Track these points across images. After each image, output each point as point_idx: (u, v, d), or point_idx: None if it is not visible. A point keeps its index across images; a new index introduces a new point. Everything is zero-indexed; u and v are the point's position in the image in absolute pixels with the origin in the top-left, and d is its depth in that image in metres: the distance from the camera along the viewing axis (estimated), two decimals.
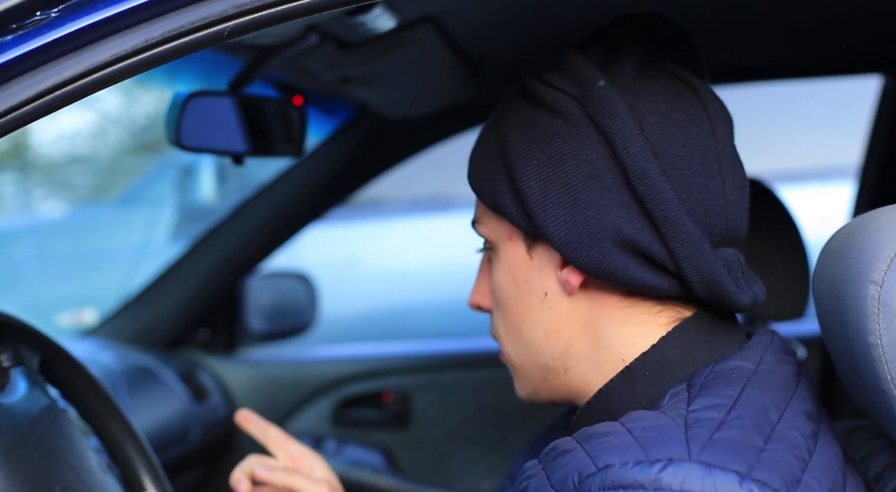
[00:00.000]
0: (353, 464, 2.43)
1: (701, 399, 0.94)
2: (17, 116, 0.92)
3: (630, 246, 0.98)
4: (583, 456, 0.89)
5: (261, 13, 0.92)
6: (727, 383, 0.95)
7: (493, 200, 1.04)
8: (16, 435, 1.08)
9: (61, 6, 0.93)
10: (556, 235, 1.00)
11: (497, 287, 1.08)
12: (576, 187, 0.99)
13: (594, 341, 1.04)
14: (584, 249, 0.99)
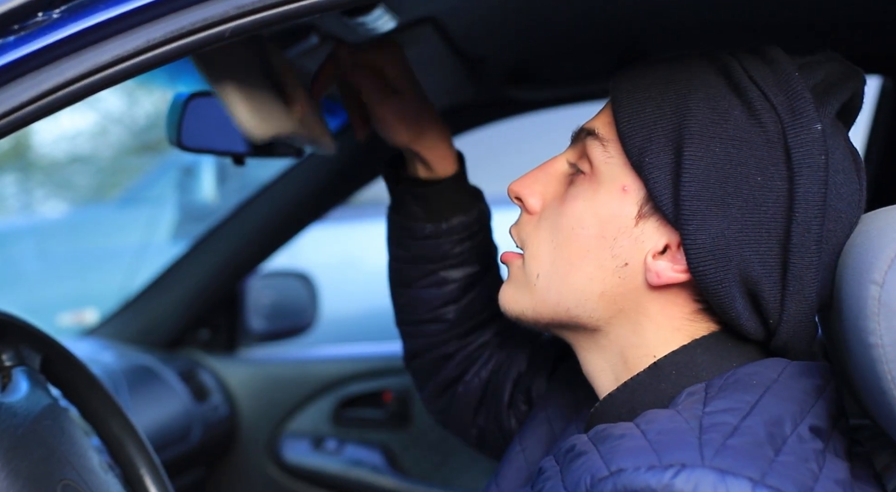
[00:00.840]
0: (353, 464, 2.43)
1: (718, 402, 0.92)
2: (19, 117, 0.93)
3: (751, 283, 0.95)
4: (596, 459, 0.89)
5: (262, 14, 0.92)
6: (746, 389, 0.93)
7: (643, 156, 0.96)
8: (17, 434, 1.08)
9: (63, 7, 0.93)
10: (695, 235, 0.95)
11: (573, 217, 1.00)
12: (737, 203, 0.94)
13: (637, 327, 1.01)
14: (711, 263, 0.95)
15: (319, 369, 2.54)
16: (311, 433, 2.49)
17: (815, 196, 0.93)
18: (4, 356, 1.21)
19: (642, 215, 0.98)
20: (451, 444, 2.46)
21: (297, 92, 1.22)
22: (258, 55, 1.17)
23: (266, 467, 2.50)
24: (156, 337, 2.46)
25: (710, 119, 0.94)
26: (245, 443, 2.49)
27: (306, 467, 2.47)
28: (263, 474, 2.50)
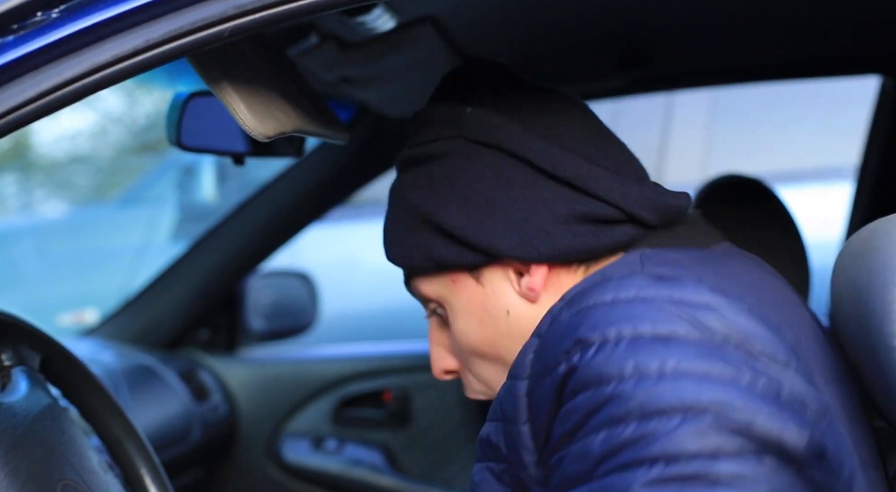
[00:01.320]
0: (353, 463, 2.43)
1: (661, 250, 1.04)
2: (18, 116, 0.93)
3: (573, 218, 1.06)
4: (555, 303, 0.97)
5: (261, 14, 0.92)
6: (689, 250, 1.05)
7: (433, 259, 1.10)
8: (17, 434, 1.08)
9: (62, 7, 0.93)
10: (506, 245, 1.06)
11: (462, 334, 1.12)
12: (498, 201, 1.07)
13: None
14: (536, 243, 1.05)
15: (319, 369, 2.54)
16: (311, 433, 2.49)
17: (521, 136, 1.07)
18: (4, 356, 1.21)
19: (477, 279, 1.10)
20: (451, 444, 2.46)
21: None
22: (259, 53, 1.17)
23: (266, 466, 2.50)
24: (156, 337, 2.46)
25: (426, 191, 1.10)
26: (245, 443, 2.49)
27: (306, 466, 2.47)
28: (263, 474, 2.50)
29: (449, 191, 1.09)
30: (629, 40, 1.80)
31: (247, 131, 1.04)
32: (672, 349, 0.88)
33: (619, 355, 0.88)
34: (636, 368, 0.87)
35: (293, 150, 1.70)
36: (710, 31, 1.73)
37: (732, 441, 0.85)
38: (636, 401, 0.87)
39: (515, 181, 1.07)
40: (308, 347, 2.94)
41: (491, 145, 1.08)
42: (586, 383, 0.89)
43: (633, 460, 0.86)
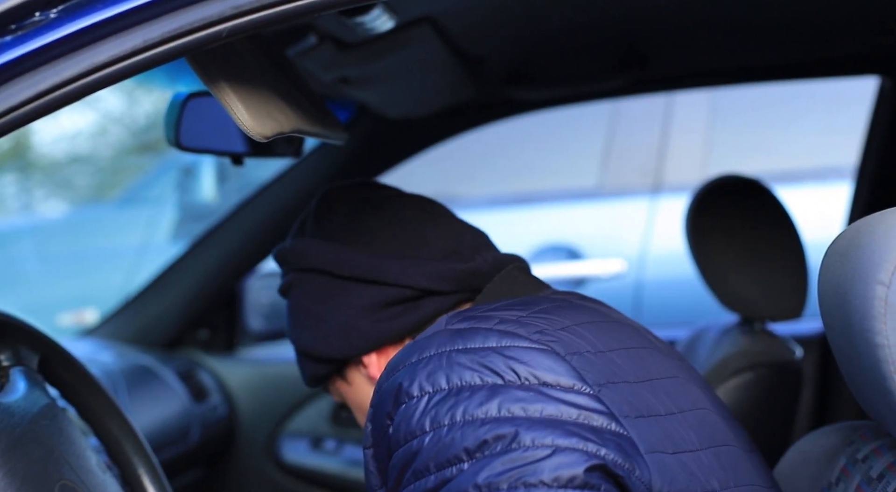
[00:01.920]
0: (352, 464, 2.44)
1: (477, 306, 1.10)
2: (17, 116, 0.93)
3: (375, 307, 1.20)
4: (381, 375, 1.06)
5: (259, 14, 0.92)
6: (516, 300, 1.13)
7: (311, 376, 1.28)
8: (15, 434, 1.08)
9: (60, 7, 0.93)
10: (334, 350, 1.22)
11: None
12: (319, 314, 1.22)
13: None
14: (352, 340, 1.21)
15: None
16: (309, 433, 2.49)
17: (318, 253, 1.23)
18: (2, 356, 1.21)
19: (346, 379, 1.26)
20: None
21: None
22: (257, 54, 1.17)
23: (265, 466, 2.50)
24: (154, 337, 2.46)
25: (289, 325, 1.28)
26: (244, 443, 2.49)
27: (305, 466, 2.47)
28: (262, 474, 2.50)
29: (297, 317, 1.25)
30: (629, 41, 1.80)
31: (245, 132, 1.05)
32: (461, 398, 0.96)
33: (420, 412, 0.97)
34: (433, 421, 0.96)
35: (292, 150, 1.70)
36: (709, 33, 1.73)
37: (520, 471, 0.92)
38: (432, 452, 0.96)
39: (326, 293, 1.22)
40: None
41: (306, 268, 1.24)
42: (399, 441, 1.00)
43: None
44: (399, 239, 1.23)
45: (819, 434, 1.17)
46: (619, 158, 3.78)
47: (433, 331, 1.04)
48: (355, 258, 1.20)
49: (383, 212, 1.26)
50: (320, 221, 1.27)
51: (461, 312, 1.07)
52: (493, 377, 0.97)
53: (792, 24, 1.70)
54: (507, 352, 0.98)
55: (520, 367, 0.97)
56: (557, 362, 0.98)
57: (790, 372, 1.79)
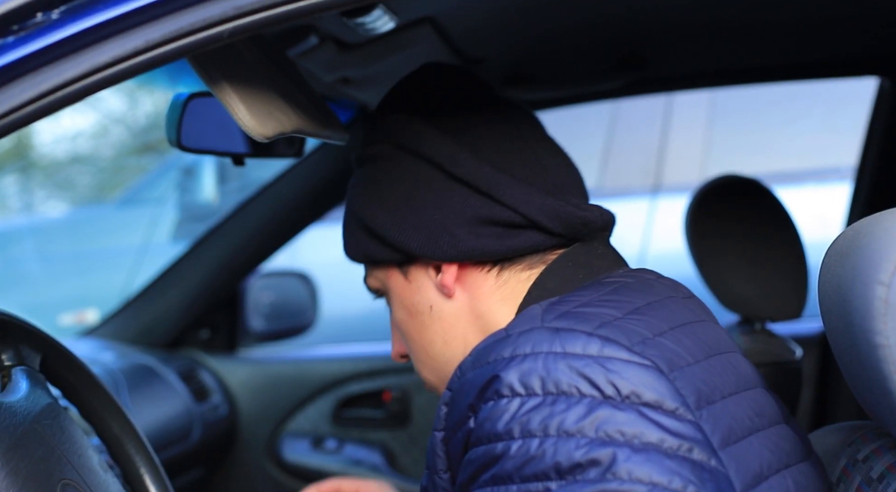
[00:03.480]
0: (353, 463, 2.44)
1: (575, 293, 1.07)
2: (18, 117, 0.93)
3: (477, 221, 1.13)
4: (466, 357, 1.02)
5: (260, 14, 0.92)
6: (601, 286, 1.09)
7: (365, 254, 1.21)
8: (17, 434, 1.08)
9: (62, 8, 0.93)
10: (415, 245, 1.15)
11: (398, 323, 1.23)
12: (412, 202, 1.15)
13: (484, 329, 1.16)
14: (444, 244, 1.14)
15: (319, 369, 2.54)
16: (310, 433, 2.49)
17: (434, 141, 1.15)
18: (4, 356, 1.21)
19: (405, 274, 1.19)
20: None
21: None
22: (258, 54, 1.17)
23: (266, 466, 2.50)
24: (156, 337, 2.46)
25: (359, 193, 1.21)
26: (245, 442, 2.50)
27: (306, 466, 2.47)
28: (263, 474, 2.50)
29: (375, 192, 1.18)
30: (628, 42, 1.80)
31: (246, 132, 1.05)
32: (556, 409, 0.92)
33: (510, 415, 0.93)
34: (523, 428, 0.92)
35: (293, 150, 1.70)
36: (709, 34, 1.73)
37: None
38: (519, 462, 0.92)
39: (430, 185, 1.15)
40: (308, 347, 2.94)
41: (412, 151, 1.16)
42: (481, 439, 0.95)
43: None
44: (517, 157, 1.16)
45: (819, 435, 1.17)
46: (619, 158, 3.79)
47: (528, 325, 0.99)
48: (476, 166, 1.14)
49: (500, 117, 1.20)
50: (431, 102, 1.20)
51: (558, 306, 1.02)
52: (593, 390, 0.92)
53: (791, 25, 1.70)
54: (609, 364, 0.94)
55: (621, 382, 0.93)
56: (660, 381, 0.94)
57: (790, 372, 1.79)
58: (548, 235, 1.14)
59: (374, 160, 1.19)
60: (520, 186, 1.13)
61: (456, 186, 1.14)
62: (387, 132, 1.19)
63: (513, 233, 1.13)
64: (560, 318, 0.99)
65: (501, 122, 1.19)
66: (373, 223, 1.17)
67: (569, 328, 0.97)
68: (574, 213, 1.13)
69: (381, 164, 1.19)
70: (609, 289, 1.07)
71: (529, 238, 1.13)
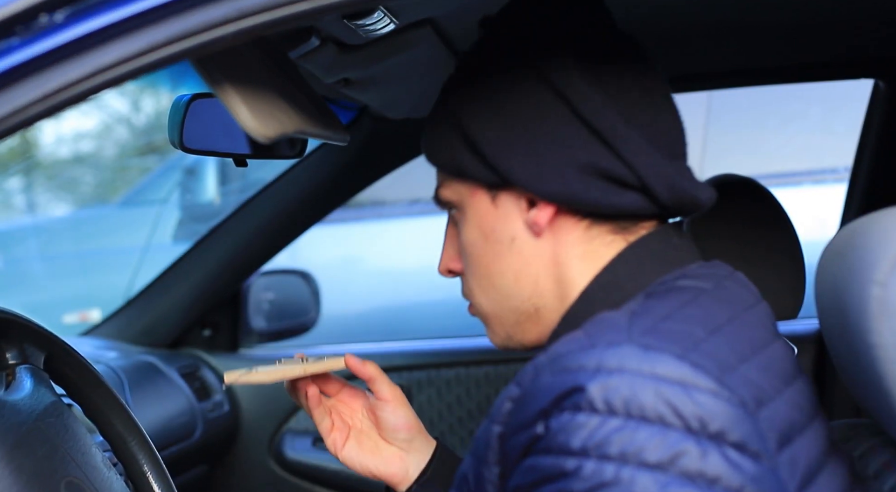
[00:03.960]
0: None
1: (653, 300, 1.02)
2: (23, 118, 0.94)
3: (591, 169, 1.05)
4: (540, 355, 0.98)
5: (262, 16, 0.93)
6: (684, 292, 1.03)
7: (456, 166, 1.11)
8: (21, 431, 1.09)
9: (66, 10, 0.94)
10: (521, 173, 1.07)
11: (466, 243, 1.14)
12: (530, 131, 1.06)
13: (558, 279, 1.10)
14: (549, 181, 1.06)
15: None
16: (312, 431, 2.49)
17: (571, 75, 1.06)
18: (9, 355, 1.22)
19: (493, 198, 1.11)
20: (452, 441, 2.46)
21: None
22: (260, 56, 1.18)
23: (267, 464, 2.51)
24: (158, 336, 2.46)
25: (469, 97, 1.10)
26: (247, 440, 2.50)
27: (307, 464, 2.47)
28: (265, 471, 2.50)
29: (489, 107, 1.08)
30: None
31: (248, 133, 1.05)
32: (639, 435, 0.88)
33: (588, 431, 0.89)
34: (600, 450, 0.88)
35: (294, 151, 1.71)
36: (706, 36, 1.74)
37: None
38: (589, 485, 0.88)
39: (551, 117, 1.06)
40: (308, 347, 2.94)
41: (541, 75, 1.07)
42: (551, 449, 0.91)
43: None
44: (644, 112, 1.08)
45: None
46: None
47: (614, 336, 0.94)
48: (605, 111, 1.06)
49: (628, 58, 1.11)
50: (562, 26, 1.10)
51: (642, 318, 0.97)
52: (678, 421, 0.88)
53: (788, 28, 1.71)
54: (697, 395, 0.89)
55: (708, 418, 0.88)
56: (746, 421, 0.90)
57: None
58: (651, 204, 1.07)
59: (494, 72, 1.10)
60: (644, 145, 1.06)
61: (579, 127, 1.06)
62: (516, 46, 1.10)
63: (619, 191, 1.06)
64: (648, 333, 0.94)
65: (630, 65, 1.10)
66: (479, 138, 1.09)
67: (659, 348, 0.92)
68: (688, 189, 1.07)
69: (503, 79, 1.09)
70: (688, 296, 1.02)
71: (633, 201, 1.07)
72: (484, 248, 1.13)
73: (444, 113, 1.13)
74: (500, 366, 2.45)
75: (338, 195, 2.38)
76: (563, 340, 0.97)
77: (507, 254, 1.11)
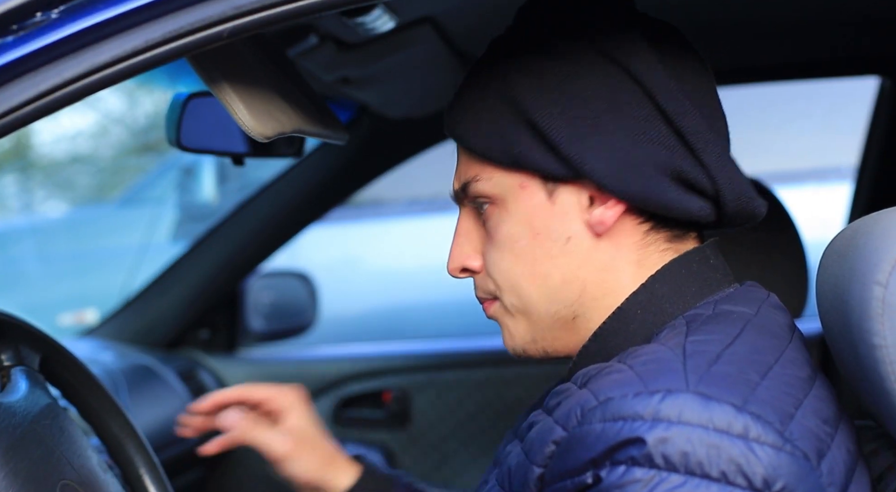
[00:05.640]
0: None
1: (700, 334, 0.96)
2: (17, 117, 0.93)
3: (669, 171, 0.99)
4: (585, 393, 0.92)
5: (260, 14, 0.92)
6: (728, 322, 0.98)
7: (511, 152, 1.02)
8: (16, 434, 1.08)
9: (62, 7, 0.93)
10: (598, 167, 0.98)
11: (507, 240, 1.04)
12: (605, 122, 0.99)
13: (605, 288, 1.03)
14: (627, 177, 0.98)
15: (319, 369, 2.54)
16: None
17: (656, 71, 0.99)
18: (3, 356, 1.21)
19: (549, 192, 1.02)
20: (451, 444, 2.46)
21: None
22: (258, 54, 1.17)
23: (266, 466, 2.49)
24: (155, 337, 2.46)
25: (534, 82, 1.01)
26: None
27: None
28: (263, 474, 2.49)
29: (558, 92, 1.00)
30: None
31: (246, 132, 1.05)
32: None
33: (645, 486, 0.85)
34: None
35: (293, 150, 1.70)
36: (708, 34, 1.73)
37: None
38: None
39: (630, 110, 0.99)
40: (308, 347, 2.94)
41: (620, 65, 0.99)
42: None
43: None
44: (719, 115, 1.04)
45: None
46: None
47: (671, 383, 0.89)
48: (692, 112, 1.00)
49: (696, 56, 1.04)
50: (641, 15, 1.04)
51: (696, 359, 0.92)
52: (741, 480, 0.85)
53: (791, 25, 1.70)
54: (759, 450, 0.85)
55: (773, 476, 0.85)
56: (810, 476, 0.88)
57: None
58: (713, 212, 1.02)
59: (564, 57, 1.01)
60: (724, 151, 1.01)
61: (661, 125, 0.99)
62: (590, 30, 1.01)
63: (690, 196, 1.00)
64: (705, 380, 0.89)
65: (699, 64, 1.04)
66: (546, 126, 0.99)
67: (718, 398, 0.87)
68: (752, 201, 1.02)
69: (573, 64, 1.00)
70: (733, 329, 0.97)
71: (700, 208, 1.00)
72: (531, 245, 1.03)
73: (497, 101, 1.03)
74: (501, 368, 2.44)
75: (337, 195, 2.37)
76: (613, 381, 0.91)
77: (560, 254, 1.02)
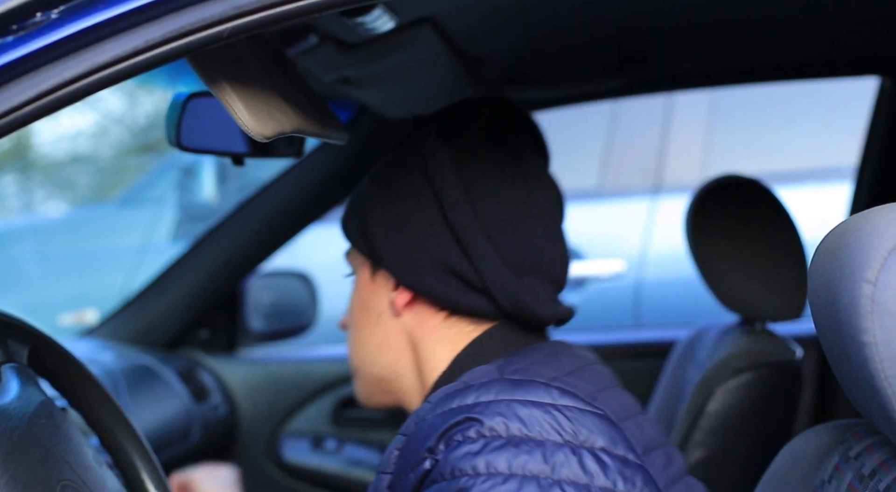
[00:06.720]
0: (353, 463, 2.44)
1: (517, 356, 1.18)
2: (17, 117, 0.93)
3: (446, 269, 1.21)
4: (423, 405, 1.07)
5: (260, 14, 0.92)
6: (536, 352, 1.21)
7: (351, 235, 1.29)
8: (14, 438, 1.08)
9: (62, 7, 0.93)
10: (389, 259, 1.24)
11: (352, 306, 1.32)
12: (406, 222, 1.23)
13: (417, 355, 1.27)
14: (408, 271, 1.22)
15: (319, 369, 2.54)
16: (310, 433, 2.49)
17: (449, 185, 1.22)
18: None
19: (373, 274, 1.28)
20: None
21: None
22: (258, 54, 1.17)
23: (266, 466, 2.50)
24: (155, 337, 2.46)
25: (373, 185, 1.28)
26: (245, 443, 2.50)
27: (306, 466, 2.47)
28: (263, 474, 2.50)
29: (383, 193, 1.25)
30: (628, 41, 1.80)
31: (246, 132, 1.05)
32: (522, 450, 0.95)
33: (474, 453, 0.96)
34: (488, 466, 0.95)
35: (293, 150, 1.70)
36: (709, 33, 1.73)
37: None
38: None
39: (425, 216, 1.22)
40: (308, 347, 2.94)
41: (427, 177, 1.23)
42: (443, 475, 0.97)
43: None
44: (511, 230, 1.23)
45: (812, 433, 1.17)
46: (619, 158, 3.79)
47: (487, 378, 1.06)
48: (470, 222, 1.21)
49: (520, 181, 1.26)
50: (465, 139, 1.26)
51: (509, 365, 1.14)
52: (555, 436, 0.97)
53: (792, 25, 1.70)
54: (568, 412, 0.99)
55: (582, 430, 0.98)
56: (613, 429, 1.00)
57: (790, 372, 1.79)
58: (495, 307, 1.22)
59: (397, 165, 1.26)
60: (497, 258, 1.21)
61: (445, 230, 1.21)
62: (418, 147, 1.26)
63: (468, 292, 1.22)
64: (515, 372, 1.09)
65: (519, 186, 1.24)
66: (368, 219, 1.26)
67: (528, 380, 1.03)
68: (529, 304, 1.22)
69: (399, 171, 1.25)
70: (544, 354, 1.19)
71: (479, 302, 1.22)
72: (360, 316, 1.30)
73: (358, 189, 1.31)
74: None
75: (337, 195, 2.37)
76: (441, 390, 1.06)
77: (374, 326, 1.29)
